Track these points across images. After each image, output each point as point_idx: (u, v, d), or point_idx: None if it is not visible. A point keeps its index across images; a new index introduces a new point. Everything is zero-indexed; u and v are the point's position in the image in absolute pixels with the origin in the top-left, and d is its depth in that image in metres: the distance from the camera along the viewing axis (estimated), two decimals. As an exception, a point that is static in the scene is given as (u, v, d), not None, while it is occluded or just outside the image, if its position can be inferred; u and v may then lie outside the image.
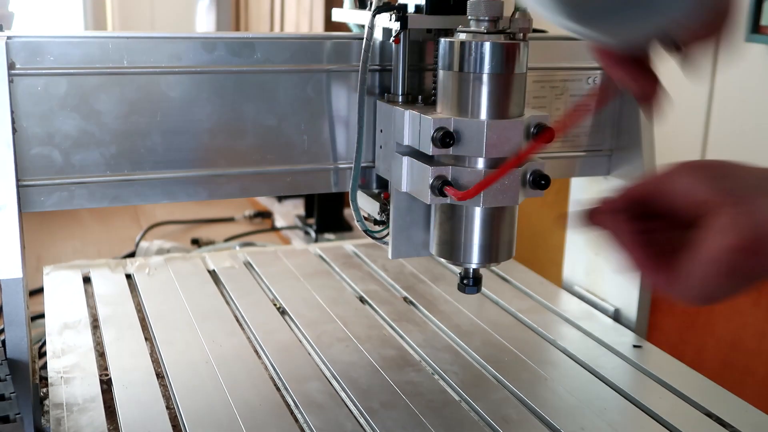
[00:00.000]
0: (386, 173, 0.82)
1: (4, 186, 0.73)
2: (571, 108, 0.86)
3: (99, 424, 0.72)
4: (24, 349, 0.72)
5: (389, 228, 0.83)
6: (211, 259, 1.14)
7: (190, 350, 0.87)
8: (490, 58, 0.70)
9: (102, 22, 2.92)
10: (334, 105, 0.85)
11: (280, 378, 0.82)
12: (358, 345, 0.89)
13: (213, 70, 0.80)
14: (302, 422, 0.74)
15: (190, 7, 2.93)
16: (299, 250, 1.21)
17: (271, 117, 0.83)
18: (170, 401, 0.77)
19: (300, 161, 0.85)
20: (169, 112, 0.79)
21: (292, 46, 0.82)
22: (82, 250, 1.69)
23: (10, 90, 0.73)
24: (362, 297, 1.04)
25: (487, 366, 0.85)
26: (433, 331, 0.94)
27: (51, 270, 1.09)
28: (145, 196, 0.81)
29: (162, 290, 1.03)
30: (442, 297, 1.03)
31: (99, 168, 0.78)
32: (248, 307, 0.99)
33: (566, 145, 0.94)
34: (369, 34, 0.80)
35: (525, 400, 0.79)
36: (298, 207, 1.98)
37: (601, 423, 0.75)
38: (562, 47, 0.93)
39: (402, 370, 0.84)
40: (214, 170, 0.82)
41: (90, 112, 0.77)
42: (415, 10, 0.79)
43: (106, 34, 0.79)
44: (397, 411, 0.76)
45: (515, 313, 0.99)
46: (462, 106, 0.72)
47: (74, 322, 0.94)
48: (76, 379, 0.80)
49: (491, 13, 0.70)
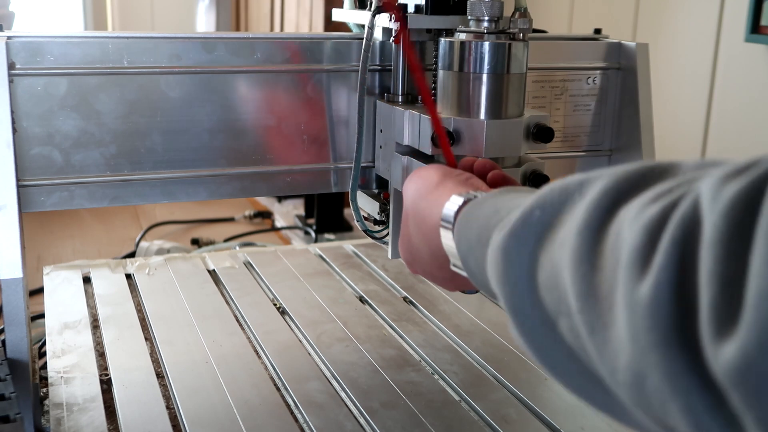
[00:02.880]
0: (386, 173, 0.82)
1: (4, 186, 0.73)
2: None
3: (99, 424, 0.72)
4: (24, 349, 0.72)
5: (389, 228, 0.83)
6: (211, 259, 1.14)
7: (190, 350, 0.87)
8: (489, 58, 0.70)
9: (102, 22, 2.91)
10: (334, 105, 0.85)
11: (280, 378, 0.82)
12: (358, 345, 0.89)
13: (213, 70, 0.80)
14: (302, 422, 0.74)
15: (190, 7, 2.93)
16: (299, 250, 1.21)
17: (271, 117, 0.83)
18: (170, 401, 0.77)
19: (300, 161, 0.85)
20: (169, 112, 0.79)
21: (292, 46, 0.82)
22: (82, 250, 1.68)
23: (10, 90, 0.73)
24: (362, 297, 1.04)
25: (487, 366, 0.85)
26: (433, 331, 0.94)
27: (51, 270, 1.09)
28: (145, 196, 0.81)
29: (162, 290, 1.03)
30: (442, 297, 1.03)
31: (99, 168, 0.78)
32: (248, 307, 0.99)
33: (566, 145, 0.95)
34: (369, 34, 0.80)
35: (525, 400, 0.79)
36: (298, 207, 1.98)
37: (601, 423, 0.75)
38: (562, 47, 0.93)
39: (402, 370, 0.84)
40: (214, 170, 0.82)
41: (90, 112, 0.77)
42: (415, 10, 0.79)
43: (106, 34, 0.79)
44: (397, 411, 0.76)
45: (515, 313, 0.99)
46: (462, 106, 0.72)
47: (74, 322, 0.94)
48: (76, 379, 0.80)
49: (491, 14, 0.70)
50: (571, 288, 0.35)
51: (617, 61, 0.95)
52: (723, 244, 0.29)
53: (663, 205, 0.32)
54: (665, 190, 0.33)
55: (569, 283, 0.36)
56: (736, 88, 1.44)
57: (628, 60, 0.94)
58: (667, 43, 1.56)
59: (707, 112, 1.50)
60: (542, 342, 0.40)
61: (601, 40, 0.95)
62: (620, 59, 0.95)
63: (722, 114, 1.48)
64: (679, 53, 1.54)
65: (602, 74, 0.94)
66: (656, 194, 0.33)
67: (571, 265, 0.36)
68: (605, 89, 0.95)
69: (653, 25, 1.60)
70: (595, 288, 0.34)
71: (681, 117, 1.55)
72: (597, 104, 0.95)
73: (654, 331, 0.30)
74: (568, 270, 0.36)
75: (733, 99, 1.45)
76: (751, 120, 1.41)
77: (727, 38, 1.44)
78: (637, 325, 0.31)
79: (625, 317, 0.32)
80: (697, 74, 1.51)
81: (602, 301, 0.34)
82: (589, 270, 0.35)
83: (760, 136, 1.40)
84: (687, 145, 1.55)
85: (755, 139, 1.41)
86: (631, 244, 0.32)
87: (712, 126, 1.51)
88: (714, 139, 1.51)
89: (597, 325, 0.34)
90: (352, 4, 0.90)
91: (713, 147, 1.51)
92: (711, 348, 0.28)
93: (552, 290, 0.38)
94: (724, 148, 1.48)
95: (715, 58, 1.47)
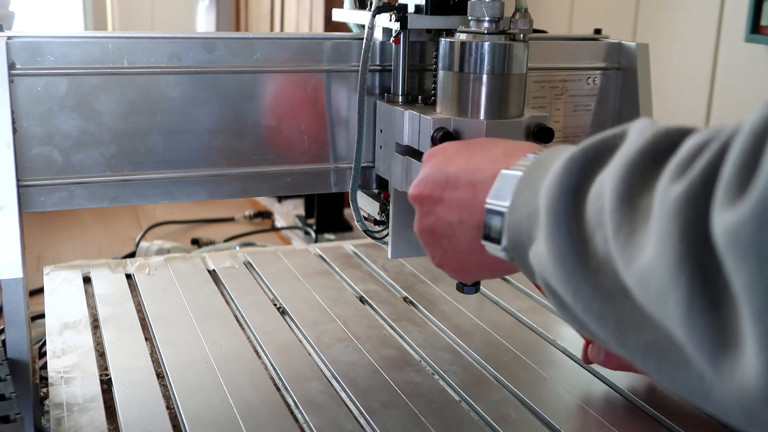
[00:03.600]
0: (386, 173, 0.82)
1: (4, 186, 0.73)
2: None
3: (99, 424, 0.72)
4: (24, 349, 0.72)
5: (389, 228, 0.83)
6: (211, 259, 1.14)
7: (190, 350, 0.87)
8: (490, 58, 0.70)
9: (102, 22, 2.92)
10: (334, 105, 0.85)
11: (280, 378, 0.82)
12: (358, 345, 0.89)
13: (213, 70, 0.80)
14: (302, 422, 0.74)
15: (190, 7, 2.93)
16: (299, 250, 1.21)
17: (271, 117, 0.83)
18: (170, 401, 0.77)
19: (300, 161, 0.85)
20: (169, 112, 0.79)
21: (292, 46, 0.82)
22: (82, 250, 1.68)
23: (11, 90, 0.73)
24: (362, 297, 1.04)
25: (487, 366, 0.85)
26: (433, 331, 0.94)
27: (51, 270, 1.09)
28: (145, 196, 0.81)
29: (162, 290, 1.03)
30: (442, 297, 1.03)
31: (99, 168, 0.78)
32: (248, 307, 0.99)
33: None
34: (369, 34, 0.80)
35: (525, 400, 0.79)
36: (298, 207, 1.98)
37: (601, 423, 0.75)
38: (562, 47, 0.93)
39: (402, 370, 0.84)
40: (214, 170, 0.82)
41: (90, 112, 0.77)
42: (415, 10, 0.79)
43: (106, 34, 0.79)
44: (397, 411, 0.76)
45: (515, 313, 0.99)
46: (462, 107, 0.72)
47: (74, 322, 0.94)
48: (76, 379, 0.80)
49: (492, 14, 0.70)
50: (609, 192, 0.39)
51: (617, 61, 0.95)
52: (753, 135, 0.32)
53: (710, 134, 0.37)
54: (711, 132, 0.37)
55: (608, 190, 0.39)
56: (736, 88, 1.44)
57: (628, 60, 0.94)
58: (667, 43, 1.56)
59: (707, 112, 1.50)
60: (571, 262, 0.41)
61: (601, 40, 0.95)
62: (620, 59, 0.95)
63: (722, 114, 1.48)
64: (679, 53, 1.54)
65: (602, 74, 0.94)
66: (704, 136, 0.37)
67: (616, 176, 0.39)
68: (605, 89, 0.95)
69: (653, 25, 1.60)
70: (633, 199, 0.38)
71: (681, 117, 1.55)
72: (597, 104, 0.95)
73: (677, 221, 0.33)
74: (611, 181, 0.39)
75: (733, 99, 1.45)
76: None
77: (727, 38, 1.44)
78: (662, 221, 0.34)
79: (655, 218, 0.35)
80: (697, 74, 1.51)
81: (637, 208, 0.37)
82: (633, 184, 0.38)
83: (760, 136, 1.40)
84: (687, 145, 1.55)
85: (755, 139, 1.41)
86: (679, 156, 0.36)
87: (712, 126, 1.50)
88: (714, 139, 1.51)
89: (624, 226, 0.37)
90: (352, 4, 0.90)
91: (713, 147, 1.51)
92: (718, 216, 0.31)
93: (597, 201, 0.41)
94: (724, 148, 1.48)
95: (715, 58, 1.47)
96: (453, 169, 0.58)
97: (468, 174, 0.57)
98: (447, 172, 0.58)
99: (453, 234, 0.58)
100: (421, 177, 0.61)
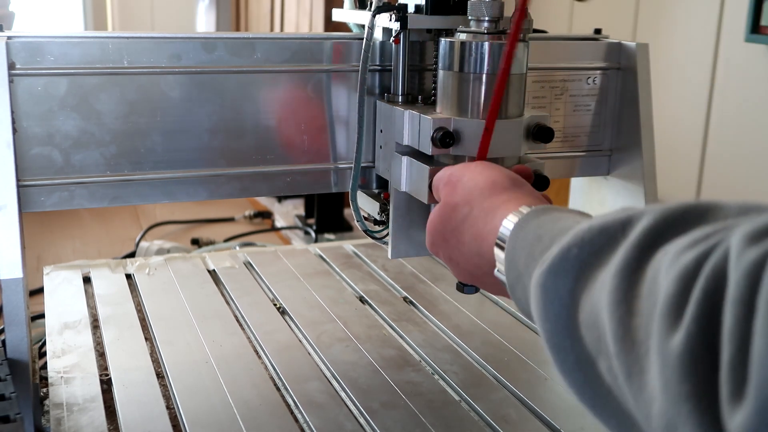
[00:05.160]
0: (386, 173, 0.82)
1: (4, 186, 0.73)
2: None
3: (99, 424, 0.72)
4: (24, 349, 0.72)
5: (389, 228, 0.83)
6: (211, 259, 1.14)
7: (190, 350, 0.87)
8: (490, 58, 0.70)
9: (102, 22, 2.92)
10: (334, 105, 0.85)
11: (280, 378, 0.82)
12: (358, 345, 0.89)
13: (213, 70, 0.80)
14: (302, 422, 0.74)
15: (190, 7, 2.93)
16: (299, 250, 1.21)
17: (271, 117, 0.83)
18: (170, 401, 0.77)
19: (300, 161, 0.85)
20: (169, 112, 0.79)
21: (292, 46, 0.82)
22: (82, 250, 1.69)
23: (10, 90, 0.73)
24: (362, 297, 1.04)
25: (487, 366, 0.85)
26: (433, 331, 0.94)
27: (51, 270, 1.09)
28: (145, 196, 0.81)
29: (162, 290, 1.03)
30: (442, 297, 1.03)
31: (99, 168, 0.78)
32: (248, 307, 0.99)
33: (566, 145, 0.95)
34: (369, 34, 0.80)
35: (525, 400, 0.79)
36: (298, 207, 1.98)
37: (601, 424, 0.75)
38: (562, 47, 0.93)
39: (402, 370, 0.84)
40: (214, 170, 0.82)
41: (90, 112, 0.77)
42: (415, 10, 0.79)
43: (106, 34, 0.79)
44: (397, 411, 0.76)
45: (515, 313, 0.99)
46: (462, 107, 0.72)
47: (74, 322, 0.94)
48: (76, 379, 0.80)
49: (492, 14, 0.70)
50: (609, 330, 0.36)
51: (617, 61, 0.95)
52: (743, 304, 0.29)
53: (698, 253, 0.33)
54: (702, 236, 0.34)
55: (607, 325, 0.36)
56: (736, 88, 1.44)
57: (628, 60, 0.94)
58: (667, 43, 1.56)
59: (707, 111, 1.50)
60: (583, 380, 0.41)
61: (601, 40, 0.95)
62: (620, 59, 0.95)
63: (722, 114, 1.48)
64: (679, 53, 1.55)
65: (602, 74, 0.94)
66: (693, 240, 0.34)
67: (609, 307, 0.36)
68: (605, 89, 0.95)
69: (653, 25, 1.61)
70: (632, 332, 0.35)
71: (681, 117, 1.55)
72: (597, 104, 0.95)
73: (684, 383, 0.31)
74: (606, 311, 0.36)
75: (733, 99, 1.45)
76: (751, 120, 1.41)
77: (727, 38, 1.44)
78: (669, 376, 0.32)
79: (657, 366, 0.32)
80: (697, 74, 1.51)
81: (638, 346, 0.34)
82: (626, 313, 0.35)
83: (760, 136, 1.40)
84: (687, 145, 1.55)
85: (755, 139, 1.41)
86: (666, 293, 0.33)
87: (712, 126, 1.51)
88: (714, 139, 1.51)
89: (633, 369, 0.35)
90: (352, 4, 0.90)
91: (713, 147, 1.51)
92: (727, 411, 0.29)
93: (592, 329, 0.38)
94: (724, 148, 1.48)
95: (715, 58, 1.47)
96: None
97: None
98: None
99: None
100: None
